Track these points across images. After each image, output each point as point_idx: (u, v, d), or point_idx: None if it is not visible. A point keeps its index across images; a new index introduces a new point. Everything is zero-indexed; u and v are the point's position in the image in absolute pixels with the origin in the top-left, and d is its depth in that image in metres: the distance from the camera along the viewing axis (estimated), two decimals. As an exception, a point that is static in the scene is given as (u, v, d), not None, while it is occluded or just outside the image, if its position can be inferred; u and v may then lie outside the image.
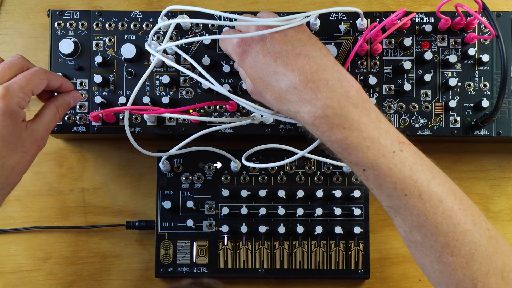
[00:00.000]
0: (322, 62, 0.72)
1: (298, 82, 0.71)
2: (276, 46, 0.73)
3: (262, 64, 0.73)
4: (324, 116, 0.70)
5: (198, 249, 0.94)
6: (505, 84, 0.86)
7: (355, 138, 0.69)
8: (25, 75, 0.78)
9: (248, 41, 0.74)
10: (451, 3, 0.85)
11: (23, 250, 0.97)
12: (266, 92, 0.74)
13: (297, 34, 0.74)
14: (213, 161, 0.94)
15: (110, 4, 0.99)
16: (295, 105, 0.71)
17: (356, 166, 0.71)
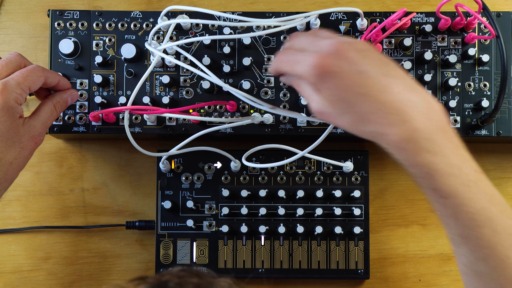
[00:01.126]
0: (407, 83, 0.69)
1: (388, 104, 0.68)
2: (358, 66, 0.68)
3: (345, 85, 0.68)
4: (412, 139, 0.67)
5: (198, 249, 0.94)
6: (505, 84, 0.86)
7: (440, 164, 0.68)
8: (23, 71, 0.79)
9: (328, 60, 0.69)
10: (451, 3, 0.85)
11: (23, 250, 0.97)
12: (347, 114, 0.69)
13: (372, 53, 0.71)
14: (213, 161, 0.94)
15: (110, 4, 0.99)
16: (381, 127, 0.68)
17: (435, 192, 0.69)
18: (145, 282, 0.58)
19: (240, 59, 0.90)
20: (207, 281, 0.59)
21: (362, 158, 0.95)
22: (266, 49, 0.91)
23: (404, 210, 0.98)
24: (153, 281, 0.58)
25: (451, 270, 0.97)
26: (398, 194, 0.98)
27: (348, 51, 0.69)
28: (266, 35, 0.91)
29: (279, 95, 0.91)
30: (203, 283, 0.58)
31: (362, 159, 0.95)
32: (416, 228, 0.98)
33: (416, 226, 0.98)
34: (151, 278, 0.59)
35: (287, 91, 0.91)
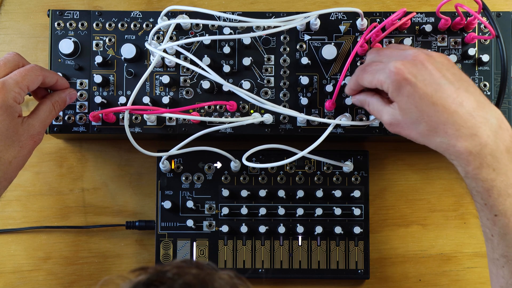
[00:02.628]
0: (480, 100, 0.73)
1: (459, 116, 0.71)
2: (436, 78, 0.72)
3: (421, 94, 0.72)
4: (479, 153, 0.71)
5: (198, 249, 0.94)
6: (505, 84, 0.86)
7: (501, 182, 0.71)
8: (21, 71, 0.79)
9: (408, 68, 0.73)
10: (451, 3, 0.85)
11: (23, 250, 0.97)
12: (420, 123, 0.73)
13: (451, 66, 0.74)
14: (213, 161, 0.94)
15: (110, 4, 0.99)
16: (451, 138, 0.72)
17: (489, 209, 0.72)
18: (145, 272, 0.59)
19: (240, 59, 0.90)
20: (207, 272, 0.59)
21: (362, 158, 0.95)
22: (266, 49, 0.91)
23: (404, 210, 0.98)
24: (152, 271, 0.59)
25: (451, 270, 0.97)
26: (398, 194, 0.98)
27: (429, 61, 0.73)
28: (266, 35, 0.91)
29: (279, 95, 0.91)
30: (202, 274, 0.59)
31: (362, 159, 0.95)
32: (416, 228, 0.98)
33: (416, 226, 0.98)
34: (151, 268, 0.60)
35: (287, 91, 0.91)
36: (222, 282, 0.59)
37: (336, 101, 0.89)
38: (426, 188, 0.98)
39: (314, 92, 0.91)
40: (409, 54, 0.74)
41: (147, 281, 0.58)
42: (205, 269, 0.60)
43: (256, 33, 0.85)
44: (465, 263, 0.97)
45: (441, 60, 0.74)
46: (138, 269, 0.60)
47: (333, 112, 0.90)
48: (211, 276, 0.59)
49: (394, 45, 0.83)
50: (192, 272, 0.58)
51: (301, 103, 0.90)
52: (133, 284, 0.58)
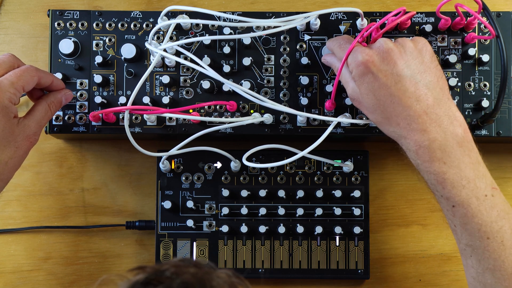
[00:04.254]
0: (438, 97, 0.75)
1: (412, 111, 0.74)
2: (398, 69, 0.75)
3: (381, 84, 0.75)
4: (429, 148, 0.73)
5: (198, 249, 0.94)
6: (505, 84, 0.86)
7: (453, 175, 0.73)
8: (16, 71, 0.79)
9: (373, 59, 0.76)
10: (451, 3, 0.85)
11: (23, 250, 0.97)
12: (376, 110, 0.77)
13: (420, 56, 0.76)
14: (213, 161, 0.94)
15: (110, 4, 0.99)
16: (403, 131, 0.75)
17: (447, 200, 0.74)
18: (143, 272, 0.59)
19: (240, 59, 0.90)
20: (205, 271, 0.59)
21: (362, 158, 0.95)
22: (266, 49, 0.91)
23: (404, 210, 0.98)
24: (150, 270, 0.59)
25: (451, 270, 0.97)
26: (398, 194, 0.98)
27: (396, 51, 0.76)
28: (266, 35, 0.91)
29: (279, 95, 0.91)
30: (201, 273, 0.59)
31: (362, 159, 0.95)
32: (416, 228, 0.98)
33: (416, 226, 0.98)
34: (149, 267, 0.60)
35: (287, 91, 0.91)
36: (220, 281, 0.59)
37: (336, 101, 0.89)
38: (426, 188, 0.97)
39: (314, 92, 0.91)
40: (381, 44, 0.76)
41: (145, 280, 0.58)
42: (203, 268, 0.60)
43: (256, 33, 0.85)
44: (465, 263, 0.97)
45: (410, 49, 0.76)
46: (136, 268, 0.60)
47: (333, 112, 0.90)
48: (209, 275, 0.59)
49: None
50: (190, 271, 0.58)
51: (301, 103, 0.90)
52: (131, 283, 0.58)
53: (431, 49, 0.78)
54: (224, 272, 0.60)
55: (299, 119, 0.90)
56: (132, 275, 0.59)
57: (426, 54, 0.77)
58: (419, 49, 0.77)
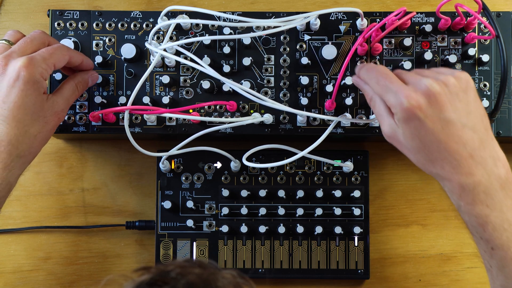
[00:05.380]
0: (484, 138, 0.74)
1: (458, 155, 0.72)
2: (446, 114, 0.72)
3: (427, 130, 0.73)
4: (473, 191, 0.72)
5: (198, 249, 0.94)
6: (505, 84, 0.86)
7: (495, 218, 0.72)
8: (48, 49, 0.81)
9: (420, 105, 0.72)
10: (451, 3, 0.85)
11: (23, 250, 0.97)
12: (419, 153, 0.74)
13: (465, 96, 0.74)
14: (213, 161, 0.94)
15: (110, 4, 0.99)
16: (447, 173, 0.73)
17: (486, 242, 0.73)
18: (148, 272, 0.59)
19: (240, 59, 0.90)
20: (210, 272, 0.59)
21: (362, 158, 0.95)
22: (266, 49, 0.91)
23: (404, 210, 0.98)
24: (156, 271, 0.59)
25: (451, 270, 0.97)
26: (398, 194, 0.98)
27: (442, 95, 0.72)
28: (266, 35, 0.91)
29: (279, 95, 0.91)
30: (206, 273, 0.59)
31: (362, 159, 0.95)
32: (416, 228, 0.98)
33: (416, 226, 0.98)
34: (154, 268, 0.60)
35: (287, 91, 0.91)
36: (225, 281, 0.59)
37: (336, 101, 0.89)
38: (426, 188, 0.98)
39: (314, 92, 0.91)
40: (427, 86, 0.72)
41: (151, 281, 0.58)
42: (208, 268, 0.60)
43: (256, 33, 0.85)
44: (465, 263, 0.97)
45: (456, 89, 0.73)
46: (141, 269, 0.60)
47: (333, 112, 0.90)
48: (214, 275, 0.59)
49: (432, 68, 0.80)
50: (195, 272, 0.58)
51: (301, 103, 0.90)
52: (136, 283, 0.58)
53: (474, 85, 0.75)
54: (229, 272, 0.60)
55: (299, 119, 0.90)
56: (137, 276, 0.59)
57: (470, 93, 0.74)
58: (463, 88, 0.74)
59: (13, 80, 0.77)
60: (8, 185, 0.79)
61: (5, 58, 0.78)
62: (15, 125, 0.77)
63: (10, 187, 0.80)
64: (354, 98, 0.90)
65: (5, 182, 0.78)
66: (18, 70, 0.77)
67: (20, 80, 0.77)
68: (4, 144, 0.77)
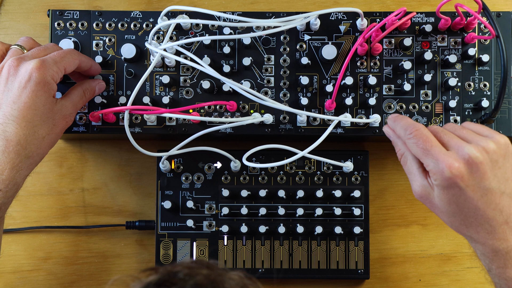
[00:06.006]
0: None
1: (494, 222, 0.73)
2: (486, 182, 0.72)
3: (467, 198, 0.73)
4: (505, 256, 0.73)
5: (198, 249, 0.94)
6: (505, 84, 0.86)
7: None
8: (60, 52, 0.83)
9: (462, 175, 0.72)
10: (451, 3, 0.85)
11: (23, 250, 0.97)
12: (454, 216, 0.75)
13: (505, 162, 0.74)
14: (213, 161, 0.94)
15: (110, 4, 0.99)
16: (481, 238, 0.74)
17: None
18: (156, 273, 0.59)
19: (240, 59, 0.90)
20: (218, 273, 0.59)
21: (362, 158, 0.95)
22: (266, 49, 0.91)
23: (404, 210, 0.98)
24: (163, 272, 0.59)
25: (451, 270, 0.97)
26: (398, 194, 0.98)
27: (484, 164, 0.72)
28: (266, 35, 0.91)
29: (279, 95, 0.91)
30: (213, 274, 0.59)
31: (362, 159, 0.95)
32: (416, 228, 0.98)
33: (416, 226, 0.98)
34: (162, 269, 0.60)
35: (287, 91, 0.91)
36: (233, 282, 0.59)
37: (336, 101, 0.89)
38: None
39: (314, 92, 0.91)
40: (467, 154, 0.72)
41: (158, 282, 0.58)
42: (215, 269, 0.60)
43: (256, 33, 0.85)
44: (465, 263, 0.97)
45: (496, 156, 0.73)
46: (148, 269, 0.60)
47: (333, 112, 0.90)
48: (221, 276, 0.59)
49: (468, 125, 0.79)
50: (203, 273, 0.58)
51: (301, 103, 0.90)
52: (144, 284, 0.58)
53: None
54: (236, 273, 0.61)
55: (299, 119, 0.90)
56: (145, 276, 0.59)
57: (509, 158, 0.74)
58: (503, 154, 0.74)
59: (25, 81, 0.78)
60: (16, 186, 0.80)
61: (17, 60, 0.79)
62: (24, 125, 0.78)
63: (18, 188, 0.80)
64: (354, 98, 0.90)
65: (13, 182, 0.79)
66: (30, 72, 0.78)
67: (32, 81, 0.78)
68: (13, 144, 0.77)
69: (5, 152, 0.77)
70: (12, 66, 0.79)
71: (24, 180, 0.81)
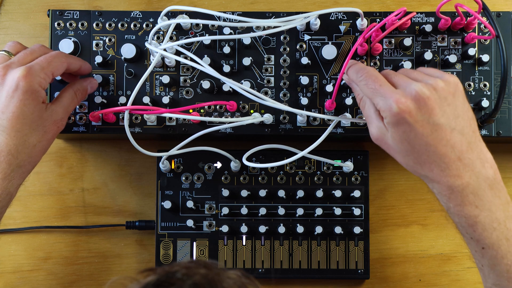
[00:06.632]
0: (471, 140, 0.74)
1: (447, 158, 0.73)
2: (435, 117, 0.73)
3: (417, 134, 0.73)
4: (461, 193, 0.73)
5: (198, 249, 0.94)
6: (505, 84, 0.86)
7: (484, 218, 0.73)
8: (47, 57, 0.81)
9: (410, 109, 0.72)
10: (451, 3, 0.85)
11: (23, 250, 0.97)
12: (408, 156, 0.75)
13: (454, 100, 0.74)
14: (213, 161, 0.94)
15: (110, 4, 0.99)
16: (436, 175, 0.74)
17: (476, 242, 0.74)
18: (154, 273, 0.59)
19: (240, 59, 0.90)
20: (215, 272, 0.59)
21: (362, 158, 0.95)
22: (266, 49, 0.91)
23: (404, 210, 0.98)
24: (161, 272, 0.59)
25: (451, 270, 0.97)
26: (398, 194, 0.98)
27: (432, 99, 0.72)
28: (266, 35, 0.91)
29: (279, 95, 0.91)
30: (211, 274, 0.59)
31: (362, 159, 0.95)
32: (416, 228, 0.98)
33: (416, 226, 0.98)
34: (160, 269, 0.60)
35: (287, 91, 0.91)
36: (231, 281, 0.59)
37: (336, 101, 0.89)
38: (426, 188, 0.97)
39: (314, 92, 0.91)
40: (416, 91, 0.73)
41: (157, 282, 0.58)
42: (213, 269, 0.60)
43: (256, 33, 0.85)
44: (465, 263, 0.97)
45: (445, 93, 0.74)
46: (146, 270, 0.60)
47: (333, 112, 0.90)
48: (220, 275, 0.59)
49: (420, 69, 0.80)
50: (201, 272, 0.59)
51: (301, 103, 0.90)
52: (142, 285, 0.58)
53: (462, 88, 0.76)
54: (234, 272, 0.61)
55: (299, 119, 0.90)
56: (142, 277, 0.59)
57: (459, 96, 0.75)
58: (452, 92, 0.74)
59: (12, 90, 0.77)
60: (9, 195, 0.79)
61: (4, 69, 0.78)
62: (14, 135, 0.78)
63: (11, 197, 0.80)
64: (354, 98, 0.90)
65: (5, 192, 0.79)
66: (17, 80, 0.77)
67: (19, 90, 0.77)
68: (4, 154, 0.77)
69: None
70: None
71: (18, 189, 0.81)
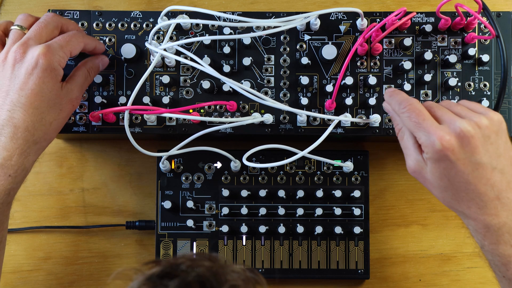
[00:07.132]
0: (511, 180, 0.74)
1: (486, 197, 0.73)
2: (477, 156, 0.72)
3: (457, 172, 0.73)
4: (496, 231, 0.73)
5: (198, 249, 0.94)
6: (505, 84, 0.86)
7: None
8: (65, 36, 0.82)
9: (453, 148, 0.72)
10: (451, 3, 0.85)
11: (23, 250, 0.97)
12: (445, 191, 0.75)
13: (497, 138, 0.74)
14: (213, 161, 0.94)
15: (110, 4, 0.99)
16: (473, 213, 0.74)
17: (509, 282, 0.74)
18: (158, 265, 0.60)
19: (240, 59, 0.90)
20: (219, 265, 0.60)
21: (362, 158, 0.95)
22: (266, 49, 0.91)
23: (404, 210, 0.98)
24: (166, 264, 0.59)
25: (451, 270, 0.97)
26: (398, 194, 0.98)
27: (476, 138, 0.72)
28: (266, 35, 0.91)
29: (279, 95, 0.91)
30: (216, 266, 0.59)
31: (362, 159, 0.95)
32: (416, 228, 0.98)
33: (416, 226, 0.98)
34: (164, 261, 0.60)
35: (287, 91, 0.91)
36: (235, 275, 0.59)
37: (336, 101, 0.89)
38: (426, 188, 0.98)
39: (314, 92, 0.91)
40: (458, 127, 0.72)
41: (161, 274, 0.58)
42: (218, 262, 0.60)
43: (256, 33, 0.85)
44: (465, 263, 0.97)
45: (488, 132, 0.73)
46: (151, 262, 0.61)
47: (333, 112, 0.90)
48: (224, 269, 0.59)
49: (463, 103, 0.79)
50: (205, 265, 0.59)
51: (301, 103, 0.90)
52: (147, 276, 0.58)
53: (505, 126, 0.75)
54: (239, 267, 0.61)
55: (299, 119, 0.90)
56: (147, 269, 0.60)
57: (502, 135, 0.74)
58: (495, 130, 0.74)
59: (32, 67, 0.78)
60: (24, 171, 0.80)
61: (22, 46, 0.79)
62: (32, 112, 0.78)
63: (26, 173, 0.81)
64: (354, 98, 0.90)
65: (22, 167, 0.79)
66: (37, 58, 0.78)
67: (39, 67, 0.78)
68: (21, 130, 0.78)
69: (14, 139, 0.77)
70: (18, 53, 0.78)
71: (32, 165, 0.82)
